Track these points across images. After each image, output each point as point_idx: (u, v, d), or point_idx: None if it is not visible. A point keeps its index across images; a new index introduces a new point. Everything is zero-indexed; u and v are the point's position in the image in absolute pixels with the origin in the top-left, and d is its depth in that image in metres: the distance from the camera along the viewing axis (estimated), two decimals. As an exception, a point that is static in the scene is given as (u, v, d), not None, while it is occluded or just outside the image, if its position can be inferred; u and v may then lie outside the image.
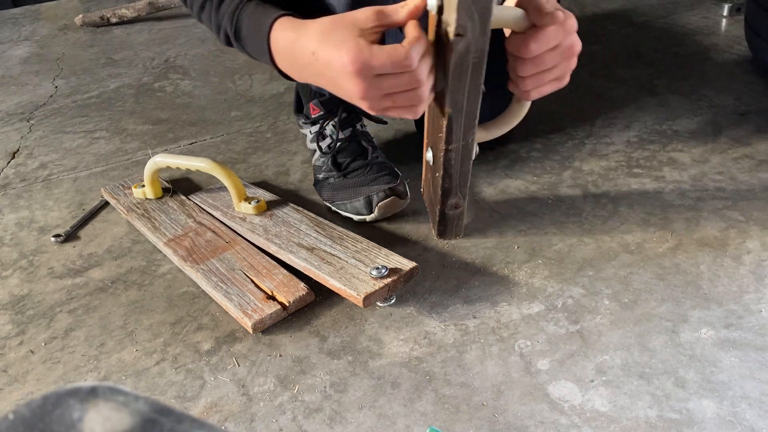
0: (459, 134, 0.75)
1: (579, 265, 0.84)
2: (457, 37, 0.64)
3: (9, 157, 1.33)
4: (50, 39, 2.16)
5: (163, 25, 2.17)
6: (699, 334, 0.72)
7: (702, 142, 1.11)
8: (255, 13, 0.77)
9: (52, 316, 0.86)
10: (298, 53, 0.70)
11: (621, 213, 0.94)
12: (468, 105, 0.72)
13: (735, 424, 0.61)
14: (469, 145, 0.78)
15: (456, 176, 0.82)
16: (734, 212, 0.92)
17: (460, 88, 0.69)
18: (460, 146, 0.77)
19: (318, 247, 0.87)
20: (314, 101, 1.04)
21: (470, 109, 0.73)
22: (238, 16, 0.78)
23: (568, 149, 1.13)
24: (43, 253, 0.99)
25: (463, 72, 0.68)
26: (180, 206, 1.03)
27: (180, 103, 1.52)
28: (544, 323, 0.76)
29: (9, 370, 0.77)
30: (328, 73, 0.66)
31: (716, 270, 0.81)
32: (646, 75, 1.39)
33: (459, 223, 0.90)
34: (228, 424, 0.67)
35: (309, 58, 0.68)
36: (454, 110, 0.72)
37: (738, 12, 1.65)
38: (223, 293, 0.82)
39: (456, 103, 0.71)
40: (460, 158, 0.79)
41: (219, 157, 1.23)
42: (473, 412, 0.65)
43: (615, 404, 0.65)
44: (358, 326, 0.78)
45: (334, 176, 1.00)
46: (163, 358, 0.76)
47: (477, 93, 0.71)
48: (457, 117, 0.73)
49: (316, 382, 0.71)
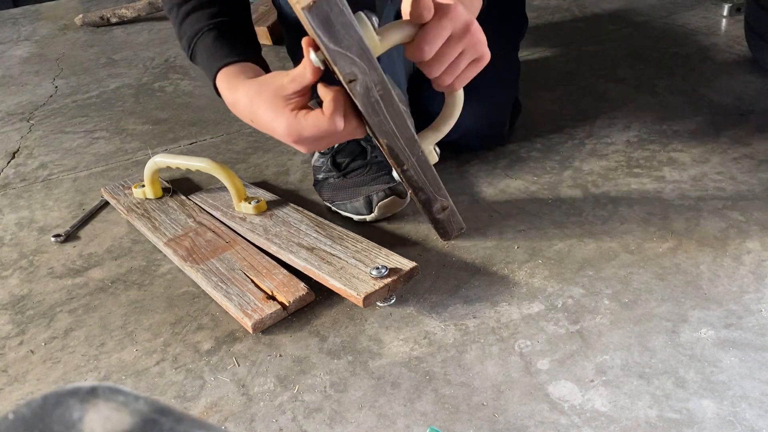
0: (406, 155, 0.76)
1: (579, 265, 0.84)
2: (350, 83, 0.65)
3: (9, 157, 1.33)
4: (50, 39, 2.16)
5: (163, 25, 2.17)
6: (699, 334, 0.72)
7: (702, 142, 1.11)
8: (209, 50, 0.84)
9: (52, 316, 0.86)
10: (240, 112, 0.79)
11: (621, 213, 0.94)
12: (398, 129, 0.73)
13: (735, 424, 0.61)
14: (422, 157, 0.78)
15: (427, 187, 0.82)
16: (734, 212, 0.92)
17: (381, 120, 0.71)
18: (414, 162, 0.78)
19: (318, 247, 0.87)
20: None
21: (402, 131, 0.73)
22: (195, 43, 0.85)
23: (568, 149, 1.13)
24: (43, 253, 0.99)
25: (374, 108, 0.69)
26: (180, 206, 1.03)
27: (180, 103, 1.52)
28: (544, 323, 0.76)
29: (9, 370, 0.77)
30: (271, 134, 0.75)
31: (716, 270, 0.81)
32: (646, 75, 1.39)
33: (455, 219, 0.90)
34: (228, 424, 0.67)
35: (250, 120, 0.77)
36: (388, 139, 0.73)
37: (738, 12, 1.65)
38: (223, 293, 0.82)
39: (386, 132, 0.72)
40: (420, 171, 0.80)
41: (219, 157, 1.23)
42: (473, 412, 0.65)
43: (615, 404, 0.65)
44: (358, 326, 0.78)
45: (333, 176, 1.00)
46: (163, 358, 0.76)
47: (400, 116, 0.71)
48: (395, 142, 0.74)
49: (316, 382, 0.71)
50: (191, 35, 0.85)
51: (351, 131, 0.72)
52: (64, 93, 1.66)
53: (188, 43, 0.86)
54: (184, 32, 0.87)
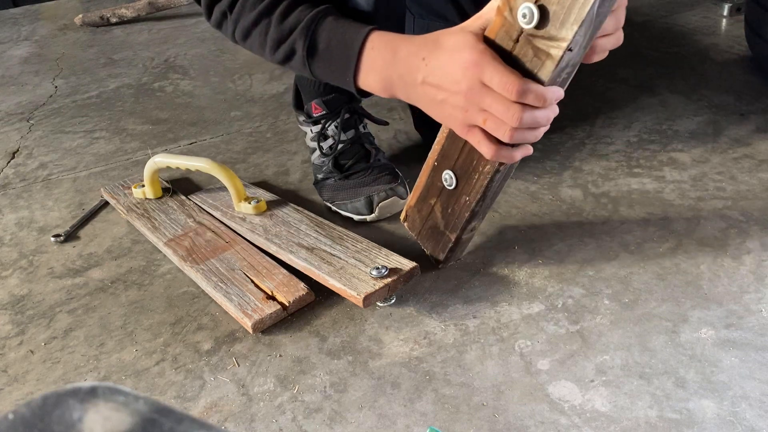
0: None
1: (579, 265, 0.84)
2: (567, 51, 0.59)
3: (9, 157, 1.33)
4: (50, 39, 2.16)
5: (163, 25, 2.17)
6: (699, 334, 0.72)
7: (702, 142, 1.11)
8: (338, 28, 0.75)
9: (52, 316, 0.86)
10: (401, 61, 0.69)
11: (621, 213, 0.94)
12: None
13: (735, 424, 0.61)
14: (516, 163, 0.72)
15: (489, 197, 0.76)
16: (734, 212, 0.92)
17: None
18: (510, 164, 0.72)
19: (318, 247, 0.87)
20: (316, 100, 1.03)
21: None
22: (314, 30, 0.75)
23: (568, 149, 1.13)
24: (43, 253, 0.99)
25: (562, 82, 0.63)
26: (180, 206, 1.03)
27: (180, 103, 1.52)
28: (544, 323, 0.76)
29: (9, 370, 0.77)
30: (435, 73, 0.66)
31: (716, 270, 0.81)
32: (646, 75, 1.39)
33: (465, 246, 0.86)
34: (228, 424, 0.67)
35: (421, 58, 0.67)
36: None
37: (738, 12, 1.65)
38: (223, 293, 0.82)
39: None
40: (503, 177, 0.74)
41: (219, 157, 1.23)
42: (473, 412, 0.65)
43: (615, 404, 0.65)
44: (358, 326, 0.78)
45: (334, 177, 1.00)
46: (163, 358, 0.76)
47: None
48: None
49: (316, 382, 0.71)
50: (307, 24, 0.75)
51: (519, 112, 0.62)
52: (63, 93, 1.66)
53: (304, 33, 0.76)
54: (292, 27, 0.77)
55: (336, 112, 1.02)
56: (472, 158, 0.74)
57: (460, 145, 0.75)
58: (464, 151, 0.75)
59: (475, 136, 0.67)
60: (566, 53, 0.59)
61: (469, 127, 0.67)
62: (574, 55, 0.60)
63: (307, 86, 1.04)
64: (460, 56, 0.64)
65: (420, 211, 0.85)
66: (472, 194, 0.76)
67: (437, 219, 0.82)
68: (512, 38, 0.62)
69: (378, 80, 0.72)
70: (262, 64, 1.66)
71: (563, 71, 0.62)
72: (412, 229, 0.88)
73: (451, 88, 0.65)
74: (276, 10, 0.77)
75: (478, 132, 0.66)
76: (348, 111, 1.02)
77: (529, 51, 0.61)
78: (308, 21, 0.75)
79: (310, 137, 1.07)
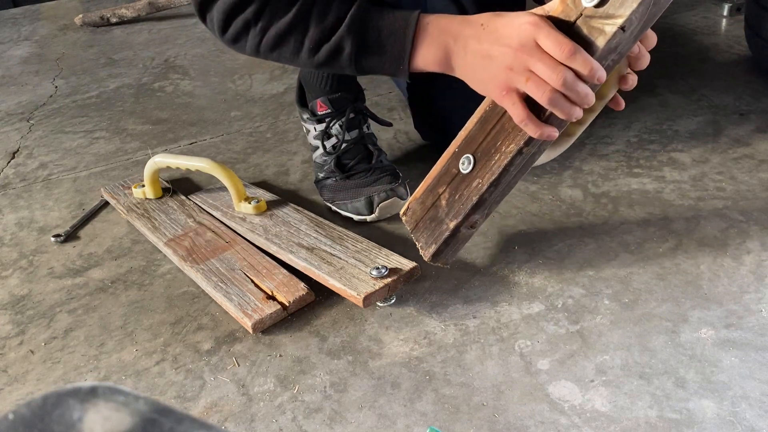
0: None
1: (579, 265, 0.84)
2: (619, 30, 0.60)
3: (9, 157, 1.33)
4: (50, 39, 2.16)
5: (163, 25, 2.17)
6: (699, 334, 0.72)
7: (702, 142, 1.11)
8: (384, 18, 0.75)
9: (52, 316, 0.86)
10: (459, 25, 0.71)
11: (621, 213, 0.94)
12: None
13: (735, 424, 0.61)
14: (541, 151, 0.72)
15: (502, 187, 0.75)
16: (734, 212, 0.92)
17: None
18: (533, 151, 0.71)
19: (318, 247, 0.87)
20: (322, 98, 1.02)
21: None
22: (362, 25, 0.75)
23: (568, 149, 1.12)
24: (43, 253, 0.99)
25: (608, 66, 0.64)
26: (180, 206, 1.03)
27: (180, 103, 1.52)
28: (544, 323, 0.76)
29: (9, 370, 0.77)
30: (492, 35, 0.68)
31: (716, 270, 0.81)
32: (646, 75, 1.38)
33: (459, 247, 0.83)
34: (228, 424, 0.67)
35: (473, 28, 0.70)
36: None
37: (738, 12, 1.65)
38: (223, 293, 0.82)
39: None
40: (523, 165, 0.73)
41: (219, 157, 1.23)
42: (473, 412, 0.65)
43: (615, 404, 0.65)
44: (358, 326, 0.78)
45: (335, 177, 1.00)
46: (163, 358, 0.76)
47: None
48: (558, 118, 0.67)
49: (316, 382, 0.71)
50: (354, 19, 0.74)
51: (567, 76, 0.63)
52: (63, 93, 1.66)
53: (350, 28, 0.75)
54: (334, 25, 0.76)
55: (341, 111, 1.02)
56: (497, 140, 0.74)
57: (488, 128, 0.75)
58: (491, 134, 0.75)
59: (511, 97, 0.68)
60: (618, 32, 0.61)
61: (508, 89, 0.68)
62: (625, 37, 0.61)
63: (313, 84, 1.04)
64: (519, 19, 0.66)
65: (424, 202, 0.83)
66: (486, 177, 0.75)
67: (441, 207, 0.80)
68: (570, 19, 0.64)
69: (434, 51, 0.73)
70: (262, 64, 1.66)
71: (612, 53, 0.63)
72: (410, 221, 0.85)
73: (504, 42, 0.67)
74: (314, 9, 0.76)
75: (514, 95, 0.67)
76: (353, 111, 1.02)
77: (583, 30, 0.63)
78: (352, 17, 0.75)
79: (313, 135, 1.06)
